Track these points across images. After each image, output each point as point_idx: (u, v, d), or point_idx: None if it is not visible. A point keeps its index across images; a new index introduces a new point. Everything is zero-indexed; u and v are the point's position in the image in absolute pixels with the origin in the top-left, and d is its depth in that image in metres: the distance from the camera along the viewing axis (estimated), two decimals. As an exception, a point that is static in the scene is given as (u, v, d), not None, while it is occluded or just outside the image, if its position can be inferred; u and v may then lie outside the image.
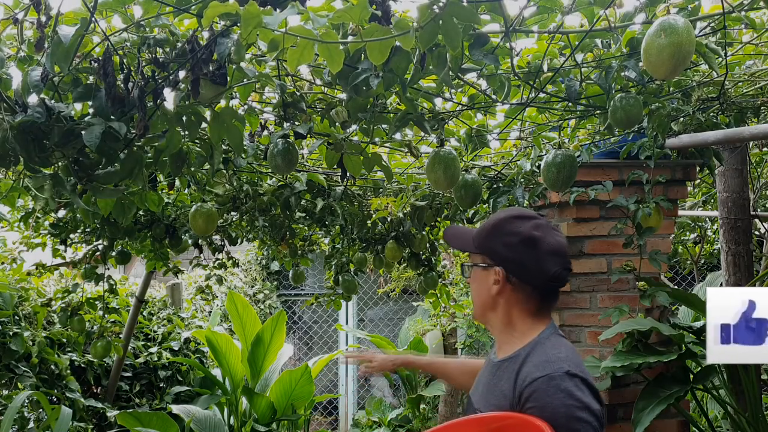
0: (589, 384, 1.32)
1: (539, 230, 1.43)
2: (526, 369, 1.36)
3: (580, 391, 1.28)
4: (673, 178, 2.72)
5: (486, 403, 1.45)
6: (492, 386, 1.46)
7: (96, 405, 4.09)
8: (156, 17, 1.40)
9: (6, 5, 1.51)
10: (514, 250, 1.43)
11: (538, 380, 1.30)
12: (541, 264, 1.42)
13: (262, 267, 7.52)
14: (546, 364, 1.33)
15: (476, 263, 1.51)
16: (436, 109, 1.91)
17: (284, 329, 4.95)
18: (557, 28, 1.62)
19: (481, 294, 1.49)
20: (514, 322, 1.47)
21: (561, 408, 1.26)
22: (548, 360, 1.34)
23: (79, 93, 1.46)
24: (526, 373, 1.34)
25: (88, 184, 1.62)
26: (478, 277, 1.50)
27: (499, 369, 1.46)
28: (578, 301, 2.76)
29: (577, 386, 1.29)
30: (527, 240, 1.42)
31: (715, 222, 4.75)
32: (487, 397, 1.46)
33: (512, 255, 1.44)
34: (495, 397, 1.42)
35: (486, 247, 1.48)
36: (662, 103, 2.00)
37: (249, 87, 1.70)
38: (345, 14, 1.10)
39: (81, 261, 3.37)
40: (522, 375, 1.35)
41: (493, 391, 1.44)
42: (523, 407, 1.31)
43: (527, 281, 1.44)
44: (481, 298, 1.50)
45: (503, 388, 1.40)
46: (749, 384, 2.64)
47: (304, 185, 2.56)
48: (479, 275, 1.50)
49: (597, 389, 1.33)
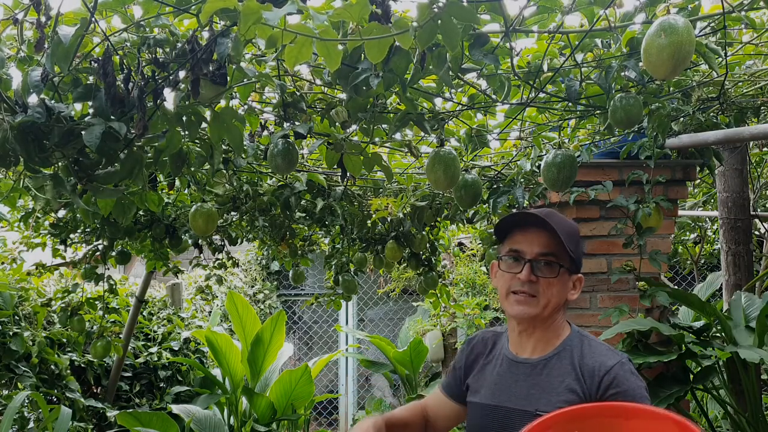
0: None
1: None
2: (591, 359, 1.44)
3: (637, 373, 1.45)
4: (673, 178, 2.72)
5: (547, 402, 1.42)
6: (543, 384, 1.46)
7: (96, 405, 4.09)
8: (156, 17, 1.40)
9: (6, 5, 1.51)
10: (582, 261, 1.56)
11: (615, 367, 1.41)
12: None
13: (262, 267, 7.52)
14: (610, 353, 1.45)
15: (563, 265, 1.49)
16: (436, 109, 1.91)
17: (284, 329, 4.95)
18: (557, 28, 1.62)
19: (560, 295, 1.50)
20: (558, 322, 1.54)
21: (639, 390, 1.40)
22: (609, 349, 1.47)
23: (79, 93, 1.46)
24: (596, 362, 1.43)
25: (88, 184, 1.61)
26: (563, 280, 1.50)
27: (545, 367, 1.48)
28: (578, 301, 2.76)
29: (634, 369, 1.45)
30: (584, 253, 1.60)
31: (715, 222, 4.75)
32: (538, 396, 1.45)
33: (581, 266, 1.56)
34: (556, 393, 1.43)
35: (578, 254, 1.53)
36: (662, 103, 2.00)
37: (249, 87, 1.70)
38: (345, 12, 1.10)
39: (81, 261, 3.37)
40: (589, 365, 1.43)
41: (547, 389, 1.44)
42: (605, 393, 1.39)
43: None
44: (558, 299, 1.50)
45: (566, 383, 1.43)
46: (749, 384, 2.64)
47: (304, 185, 2.56)
48: (565, 278, 1.51)
49: None
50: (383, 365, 6.27)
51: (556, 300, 1.49)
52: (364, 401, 7.27)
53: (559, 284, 1.49)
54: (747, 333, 2.64)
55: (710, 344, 2.63)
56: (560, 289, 1.49)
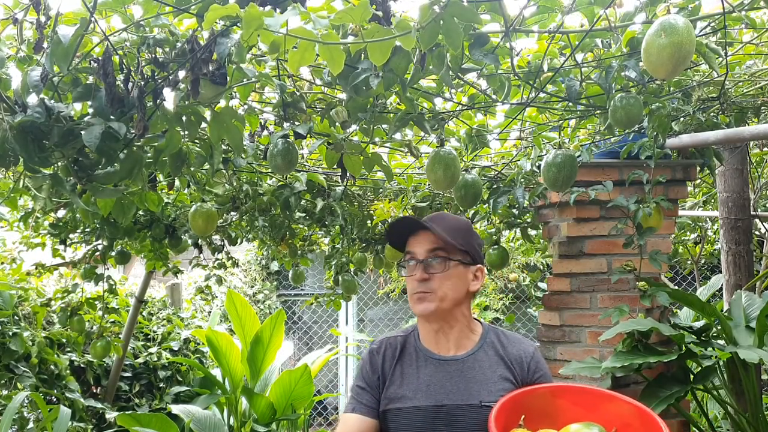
0: None
1: None
2: (513, 348, 1.60)
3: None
4: (673, 178, 2.71)
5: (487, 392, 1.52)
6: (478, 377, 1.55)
7: (95, 405, 4.09)
8: (156, 17, 1.40)
9: (6, 5, 1.50)
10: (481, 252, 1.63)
11: (535, 353, 1.61)
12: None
13: (262, 267, 7.52)
14: (525, 340, 1.64)
15: (457, 259, 1.57)
16: (436, 109, 1.91)
17: (283, 328, 4.95)
18: (557, 28, 1.61)
19: (458, 289, 1.57)
20: (469, 317, 1.63)
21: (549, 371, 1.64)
22: (521, 338, 1.66)
23: (78, 93, 1.46)
24: (520, 350, 1.60)
25: (88, 184, 1.61)
26: (458, 273, 1.57)
27: (474, 361, 1.57)
28: (578, 301, 2.76)
29: None
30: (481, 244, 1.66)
31: (715, 222, 4.76)
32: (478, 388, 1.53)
33: (481, 257, 1.64)
34: (493, 382, 1.54)
35: (470, 246, 1.60)
36: (662, 103, 2.00)
37: (249, 87, 1.70)
38: (346, 15, 1.10)
39: (81, 261, 3.37)
40: (513, 353, 1.59)
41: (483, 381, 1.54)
42: (534, 376, 1.57)
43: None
44: (456, 293, 1.56)
45: (498, 372, 1.55)
46: (749, 384, 2.63)
47: (304, 185, 2.56)
48: (459, 271, 1.57)
49: None
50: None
51: (453, 293, 1.56)
52: (363, 401, 7.26)
53: (454, 277, 1.56)
54: (747, 333, 2.64)
55: (710, 344, 2.63)
56: (455, 282, 1.56)
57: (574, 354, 2.73)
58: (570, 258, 2.77)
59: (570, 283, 2.76)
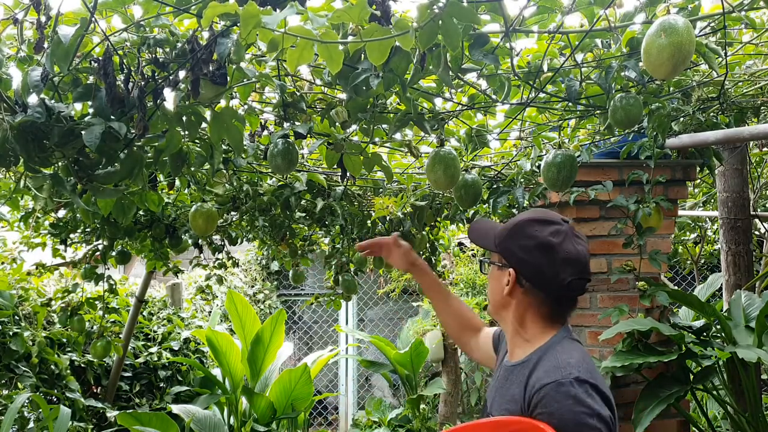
0: (600, 390, 1.29)
1: (557, 236, 1.41)
2: (536, 375, 1.35)
3: (590, 398, 1.26)
4: (673, 178, 2.72)
5: (498, 407, 1.44)
6: (504, 391, 1.45)
7: (96, 405, 4.09)
8: (156, 17, 1.40)
9: (6, 5, 1.51)
10: (529, 253, 1.42)
11: (547, 386, 1.29)
12: (556, 271, 1.40)
13: (262, 267, 7.52)
14: (555, 370, 1.32)
15: (493, 261, 1.53)
16: (436, 109, 1.91)
17: (283, 328, 4.95)
18: (557, 28, 1.62)
19: (495, 292, 1.51)
20: (526, 325, 1.46)
21: (569, 414, 1.24)
22: (558, 365, 1.33)
23: (79, 93, 1.46)
24: (536, 378, 1.33)
25: (88, 184, 1.62)
26: (494, 275, 1.52)
27: (512, 373, 1.45)
28: (578, 301, 2.75)
29: (586, 392, 1.27)
30: (543, 245, 1.41)
31: (715, 222, 4.76)
32: (498, 401, 1.46)
33: (527, 258, 1.42)
34: (506, 401, 1.41)
35: (504, 247, 1.47)
36: (662, 103, 2.00)
37: (249, 87, 1.70)
38: (344, 14, 1.10)
39: (81, 261, 3.37)
40: (532, 381, 1.34)
41: (504, 396, 1.44)
42: (532, 413, 1.30)
43: (540, 287, 1.43)
44: (494, 296, 1.51)
45: (514, 393, 1.39)
46: (749, 384, 2.64)
47: (304, 185, 2.56)
48: (495, 273, 1.51)
49: (609, 396, 1.31)
50: (383, 365, 6.27)
51: (494, 297, 1.51)
52: (364, 401, 7.27)
53: (492, 281, 1.52)
54: (747, 333, 2.64)
55: (710, 344, 2.63)
56: (494, 285, 1.51)
57: (574, 354, 2.73)
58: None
59: (570, 283, 2.76)
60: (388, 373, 6.31)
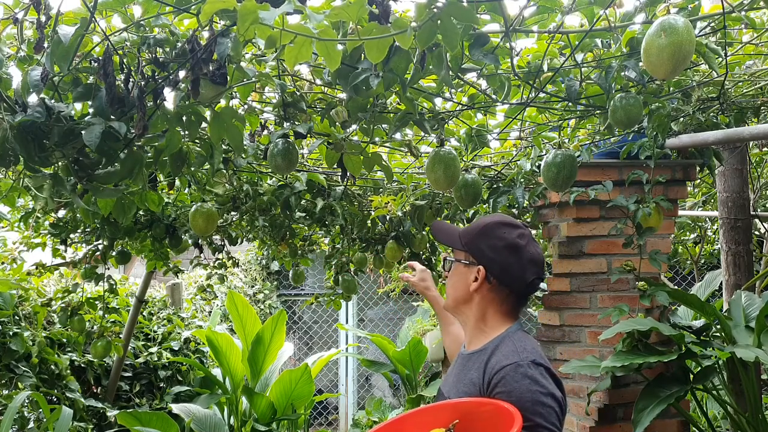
0: (552, 373, 1.43)
1: (523, 239, 1.55)
2: (495, 358, 1.47)
3: (544, 379, 1.39)
4: (673, 178, 2.72)
5: (456, 391, 1.54)
6: (462, 376, 1.56)
7: (96, 405, 4.09)
8: (156, 17, 1.40)
9: (6, 5, 1.51)
10: (498, 253, 1.55)
11: (507, 367, 1.41)
12: (522, 270, 1.54)
13: (262, 267, 7.52)
14: (514, 354, 1.45)
15: (459, 259, 1.62)
16: (436, 109, 1.91)
17: (284, 329, 4.95)
18: (557, 28, 1.62)
19: (458, 288, 1.61)
20: (487, 318, 1.58)
21: (527, 393, 1.36)
22: (516, 350, 1.46)
23: (79, 93, 1.46)
24: (496, 361, 1.45)
25: (88, 184, 1.61)
26: (458, 272, 1.61)
27: (469, 360, 1.56)
28: (578, 301, 2.76)
29: (542, 374, 1.40)
30: (511, 246, 1.54)
31: (715, 222, 4.76)
32: (456, 386, 1.55)
33: (496, 258, 1.55)
34: (464, 385, 1.52)
35: (473, 246, 1.58)
36: (662, 103, 2.00)
37: (249, 87, 1.70)
38: (342, 12, 1.10)
39: (81, 261, 3.37)
40: (491, 363, 1.46)
41: (462, 381, 1.54)
42: (492, 392, 1.41)
43: (506, 284, 1.55)
44: (457, 292, 1.61)
45: (472, 377, 1.50)
46: (749, 384, 2.63)
47: (304, 185, 2.56)
48: (460, 271, 1.61)
49: (560, 380, 1.46)
50: (383, 365, 6.27)
51: (455, 292, 1.61)
52: (364, 401, 7.27)
53: (455, 278, 1.61)
54: (747, 333, 2.64)
55: (710, 344, 2.63)
56: (456, 281, 1.61)
57: (573, 354, 2.73)
58: (570, 258, 2.77)
59: (570, 283, 2.77)
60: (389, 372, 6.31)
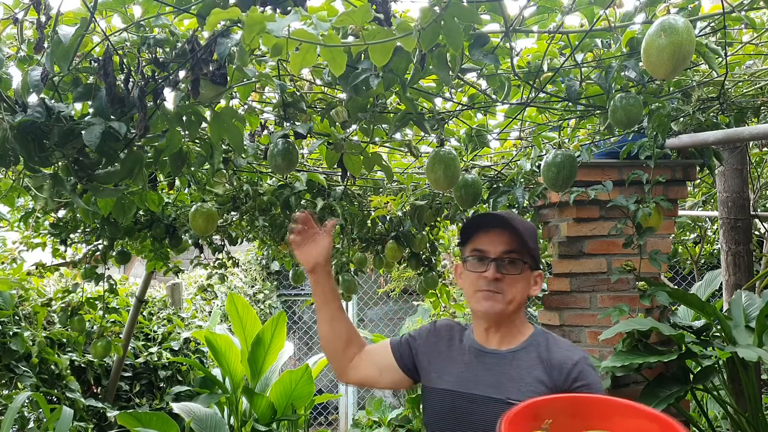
0: None
1: None
2: (558, 353, 1.51)
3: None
4: (673, 178, 2.72)
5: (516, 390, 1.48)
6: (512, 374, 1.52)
7: (96, 405, 4.09)
8: (156, 17, 1.40)
9: (6, 5, 1.50)
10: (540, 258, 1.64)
11: (580, 361, 1.49)
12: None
13: (262, 267, 7.52)
14: (572, 348, 1.55)
15: (525, 261, 1.57)
16: (436, 109, 1.91)
17: (285, 330, 4.96)
18: (557, 28, 1.62)
19: (524, 292, 1.58)
20: (521, 317, 1.62)
21: (599, 384, 1.50)
22: (569, 345, 1.56)
23: (79, 93, 1.46)
24: (562, 356, 1.50)
25: (88, 184, 1.61)
26: (525, 277, 1.58)
27: (514, 358, 1.54)
28: (578, 301, 2.76)
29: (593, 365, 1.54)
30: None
31: (715, 222, 4.76)
32: (508, 385, 1.50)
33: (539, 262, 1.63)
34: (525, 383, 1.49)
35: (537, 252, 1.60)
36: (662, 103, 2.00)
37: (249, 87, 1.70)
38: (347, 18, 1.10)
39: (81, 261, 3.37)
40: (557, 358, 1.50)
41: (516, 379, 1.50)
42: (573, 385, 1.46)
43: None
44: (521, 295, 1.58)
45: (534, 374, 1.49)
46: (749, 384, 2.63)
47: (304, 185, 2.56)
48: (527, 275, 1.58)
49: None
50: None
51: (520, 296, 1.57)
52: (364, 401, 7.27)
53: (523, 281, 1.57)
54: (747, 333, 2.64)
55: (710, 344, 2.63)
56: (524, 285, 1.58)
57: (574, 354, 2.73)
58: (570, 258, 2.77)
59: (570, 283, 2.77)
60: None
